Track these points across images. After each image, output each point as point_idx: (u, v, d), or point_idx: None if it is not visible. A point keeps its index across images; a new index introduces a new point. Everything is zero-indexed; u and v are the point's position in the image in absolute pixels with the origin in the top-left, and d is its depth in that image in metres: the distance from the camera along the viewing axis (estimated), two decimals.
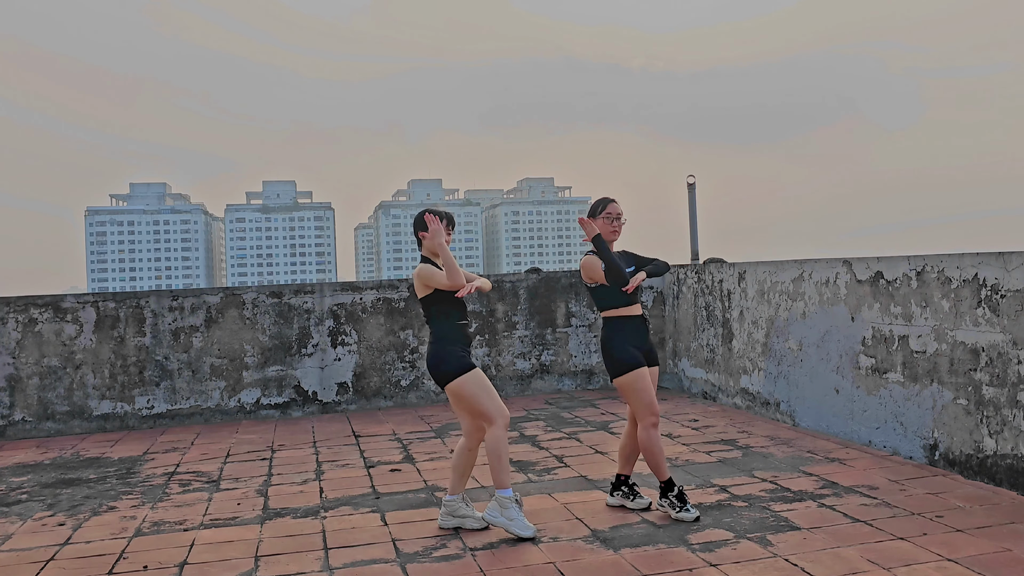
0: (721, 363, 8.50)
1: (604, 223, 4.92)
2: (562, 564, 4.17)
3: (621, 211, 4.96)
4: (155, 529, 5.05)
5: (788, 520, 4.67)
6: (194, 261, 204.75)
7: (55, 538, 4.95)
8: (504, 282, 9.54)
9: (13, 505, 5.76)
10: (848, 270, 6.49)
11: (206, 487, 6.03)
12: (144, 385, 8.59)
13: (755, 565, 4.04)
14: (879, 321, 6.13)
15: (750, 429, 7.16)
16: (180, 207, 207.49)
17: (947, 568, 3.89)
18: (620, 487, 5.06)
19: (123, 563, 4.47)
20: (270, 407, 8.87)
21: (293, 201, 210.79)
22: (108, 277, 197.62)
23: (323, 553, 4.50)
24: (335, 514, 5.20)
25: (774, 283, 7.51)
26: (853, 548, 4.20)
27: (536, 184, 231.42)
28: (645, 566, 4.09)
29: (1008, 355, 5.02)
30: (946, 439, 5.53)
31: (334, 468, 6.44)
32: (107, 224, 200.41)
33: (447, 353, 4.64)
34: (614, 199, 4.99)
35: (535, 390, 9.52)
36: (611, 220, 4.91)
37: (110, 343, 8.53)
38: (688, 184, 10.08)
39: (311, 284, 9.14)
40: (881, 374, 6.12)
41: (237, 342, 8.80)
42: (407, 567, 4.23)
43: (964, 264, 5.36)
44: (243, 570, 4.30)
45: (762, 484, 5.43)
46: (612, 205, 4.95)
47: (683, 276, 9.34)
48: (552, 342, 9.61)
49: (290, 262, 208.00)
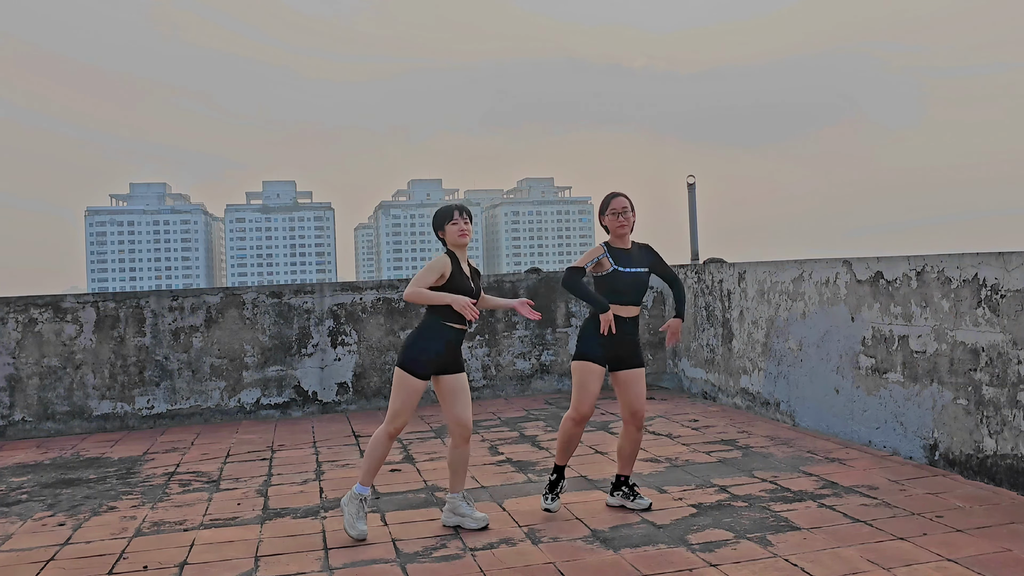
0: (721, 363, 8.50)
1: (611, 219, 4.91)
2: (562, 564, 4.17)
3: (627, 204, 4.92)
4: (155, 529, 5.05)
5: (788, 520, 4.67)
6: (194, 261, 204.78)
7: (55, 538, 4.95)
8: (504, 282, 9.53)
9: (13, 505, 5.76)
10: (848, 270, 6.48)
11: (206, 487, 6.03)
12: (144, 385, 8.59)
13: (755, 565, 4.04)
14: (879, 321, 6.13)
15: (750, 429, 7.16)
16: (180, 207, 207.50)
17: (947, 568, 3.89)
18: (620, 487, 5.06)
19: (123, 563, 4.47)
20: (270, 407, 8.86)
21: (293, 201, 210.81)
22: (108, 277, 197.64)
23: (323, 553, 4.50)
24: (335, 514, 5.20)
25: (774, 283, 7.51)
26: (853, 548, 4.20)
27: (536, 184, 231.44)
28: (645, 566, 4.08)
29: (1008, 355, 5.02)
30: (946, 439, 5.53)
31: (334, 468, 6.44)
32: (107, 224, 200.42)
33: (414, 345, 4.72)
34: (620, 193, 4.96)
35: (535, 390, 9.52)
36: (616, 215, 4.90)
37: (110, 343, 8.53)
38: (688, 184, 10.08)
39: (311, 284, 9.14)
40: (881, 374, 6.12)
41: (237, 342, 8.80)
42: (407, 567, 4.23)
43: (964, 264, 5.36)
44: (243, 570, 4.30)
45: (762, 484, 5.43)
46: (616, 200, 4.92)
47: (683, 276, 9.33)
48: (552, 342, 9.61)
49: (290, 262, 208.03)
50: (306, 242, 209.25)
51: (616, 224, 4.90)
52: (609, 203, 4.94)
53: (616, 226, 4.90)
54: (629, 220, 4.91)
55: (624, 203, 4.92)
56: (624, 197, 4.95)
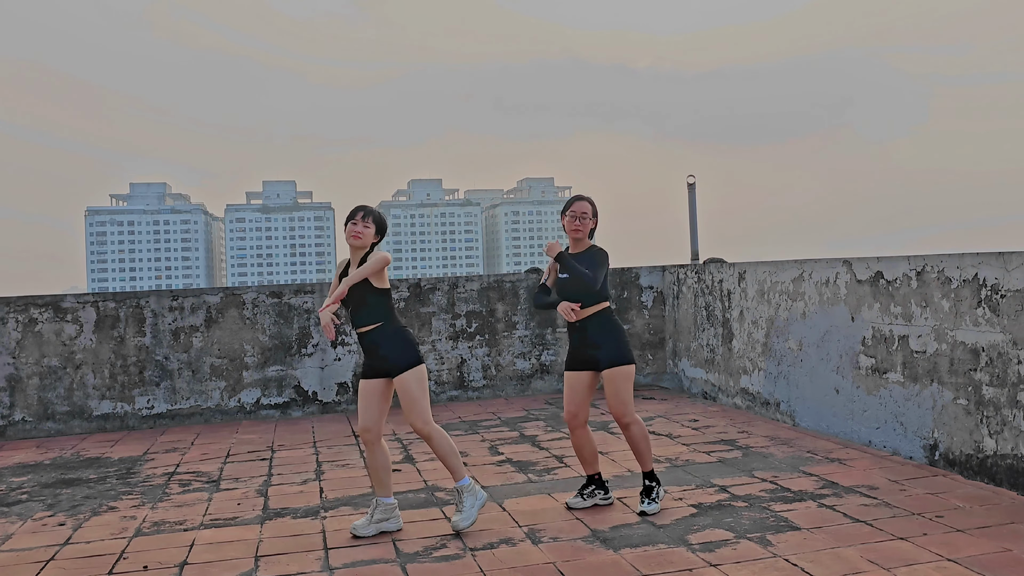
0: (721, 363, 8.50)
1: (568, 221, 4.97)
2: (562, 564, 4.17)
3: (587, 210, 4.95)
4: (155, 529, 5.05)
5: (788, 520, 4.67)
6: (194, 261, 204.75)
7: (55, 538, 4.95)
8: (504, 282, 9.54)
9: (13, 505, 5.76)
10: (848, 270, 6.48)
11: (206, 487, 6.03)
12: (144, 385, 8.59)
13: (755, 565, 4.04)
14: (879, 321, 6.13)
15: (750, 429, 7.16)
16: (180, 207, 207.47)
17: (947, 568, 3.89)
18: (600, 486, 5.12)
19: (123, 563, 4.47)
20: (270, 407, 8.86)
21: (293, 201, 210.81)
22: (108, 277, 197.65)
23: (323, 553, 4.50)
24: (335, 514, 5.20)
25: (774, 283, 7.51)
26: (853, 548, 4.20)
27: (536, 184, 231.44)
28: (645, 566, 4.08)
29: (1008, 355, 5.02)
30: (946, 439, 5.53)
31: (334, 468, 6.44)
32: (107, 224, 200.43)
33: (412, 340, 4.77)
34: (584, 197, 5.02)
35: (535, 390, 9.52)
36: (574, 218, 4.95)
37: (110, 343, 8.53)
38: (688, 184, 10.08)
39: (311, 284, 9.14)
40: (881, 374, 6.12)
41: (237, 342, 8.80)
42: (407, 567, 4.23)
43: (964, 264, 5.35)
44: (243, 570, 4.30)
45: (762, 484, 5.43)
46: (577, 204, 4.98)
47: (683, 276, 9.33)
48: (552, 342, 9.61)
49: (290, 262, 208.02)
50: (306, 242, 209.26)
51: (571, 227, 4.96)
52: (570, 205, 5.00)
53: (571, 229, 4.96)
54: (585, 226, 4.94)
55: (584, 208, 4.95)
56: (587, 202, 4.99)
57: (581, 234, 4.94)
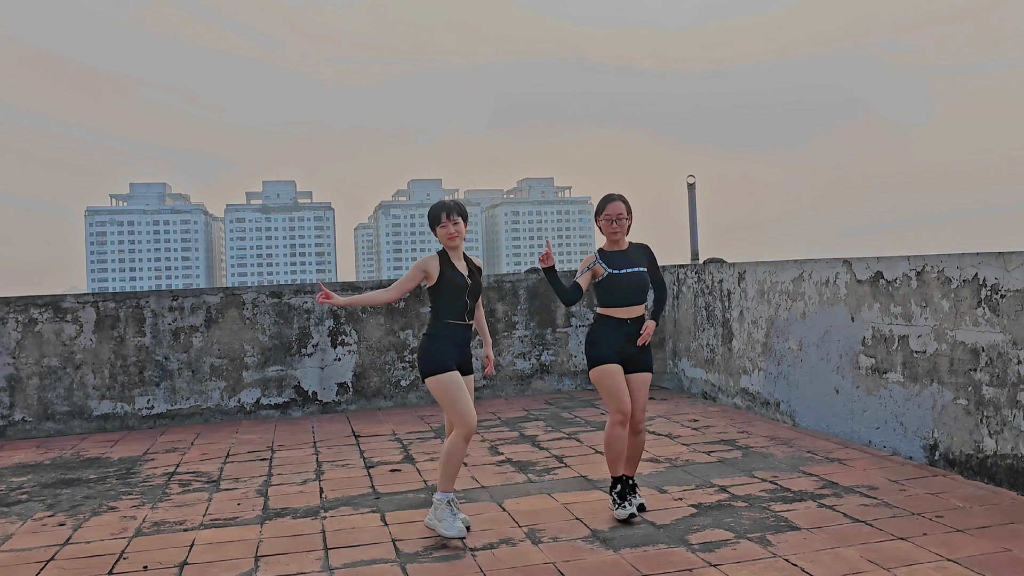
0: (721, 363, 8.50)
1: (605, 224, 4.91)
2: (562, 564, 4.17)
3: (622, 211, 4.89)
4: (155, 529, 5.05)
5: (788, 520, 4.67)
6: (194, 261, 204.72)
7: (55, 538, 4.95)
8: (504, 282, 9.53)
9: (13, 505, 5.76)
10: (848, 270, 6.48)
11: (206, 487, 6.03)
12: (144, 385, 8.59)
13: (755, 565, 4.04)
14: (879, 321, 6.13)
15: (750, 429, 7.16)
16: (180, 207, 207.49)
17: (947, 568, 3.89)
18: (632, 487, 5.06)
19: (123, 563, 4.47)
20: (270, 407, 8.86)
21: (293, 201, 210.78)
22: (108, 277, 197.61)
23: (323, 553, 4.50)
24: (335, 514, 5.20)
25: (774, 283, 7.51)
26: (853, 548, 4.20)
27: (536, 184, 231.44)
28: (645, 566, 4.08)
29: (1008, 355, 5.02)
30: (946, 439, 5.53)
31: (334, 468, 6.44)
32: (107, 224, 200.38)
33: (426, 350, 4.67)
34: (617, 197, 4.93)
35: (535, 390, 9.52)
36: (610, 221, 4.89)
37: (110, 343, 8.53)
38: (688, 184, 10.07)
39: (311, 284, 9.14)
40: (881, 374, 6.12)
41: (237, 342, 8.80)
42: (407, 567, 4.23)
43: (964, 264, 5.35)
44: (243, 570, 4.30)
45: (762, 484, 5.43)
46: (612, 206, 4.89)
47: (683, 276, 9.33)
48: (552, 342, 9.61)
49: (290, 262, 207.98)
50: (306, 242, 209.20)
51: (609, 231, 4.90)
52: (604, 208, 4.91)
53: (609, 232, 4.90)
54: (623, 226, 4.89)
55: (619, 209, 4.88)
56: (620, 202, 4.91)
57: (619, 236, 4.91)
